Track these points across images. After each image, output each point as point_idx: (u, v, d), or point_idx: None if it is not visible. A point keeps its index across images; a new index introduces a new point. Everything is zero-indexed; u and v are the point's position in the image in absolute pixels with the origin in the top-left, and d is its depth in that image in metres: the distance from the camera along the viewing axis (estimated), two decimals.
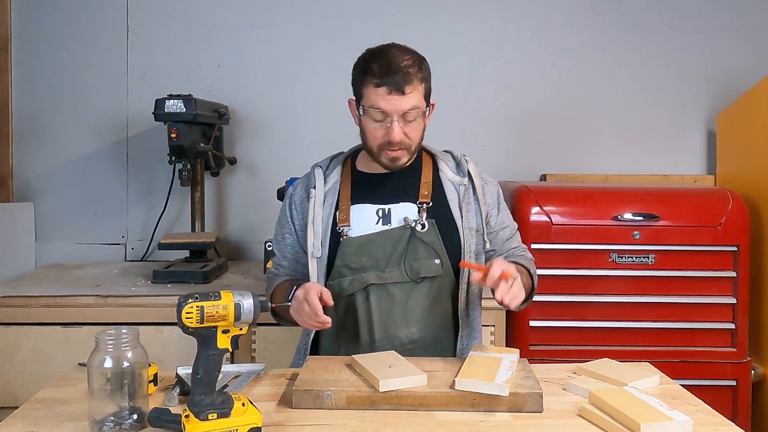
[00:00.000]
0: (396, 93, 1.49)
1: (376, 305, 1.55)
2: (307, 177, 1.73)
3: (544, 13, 2.84)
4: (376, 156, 1.58)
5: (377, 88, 1.50)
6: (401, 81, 1.48)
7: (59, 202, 2.81)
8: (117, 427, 1.16)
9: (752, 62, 2.81)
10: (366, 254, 1.56)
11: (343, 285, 1.57)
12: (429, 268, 1.56)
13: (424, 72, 1.54)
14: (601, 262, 2.24)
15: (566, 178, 2.79)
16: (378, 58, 1.52)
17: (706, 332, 2.25)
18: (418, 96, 1.52)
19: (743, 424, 2.21)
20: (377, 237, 1.57)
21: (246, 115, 2.82)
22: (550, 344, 2.24)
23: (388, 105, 1.50)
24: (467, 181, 1.64)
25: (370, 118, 1.54)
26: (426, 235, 1.56)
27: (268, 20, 2.81)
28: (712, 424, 1.21)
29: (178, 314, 1.11)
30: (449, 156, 1.71)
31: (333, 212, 1.61)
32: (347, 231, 1.58)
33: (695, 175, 2.84)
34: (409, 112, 1.51)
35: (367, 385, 1.28)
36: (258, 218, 2.82)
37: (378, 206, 1.61)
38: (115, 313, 2.10)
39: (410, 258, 1.56)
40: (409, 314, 1.55)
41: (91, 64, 2.79)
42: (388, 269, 1.56)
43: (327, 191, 1.65)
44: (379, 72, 1.50)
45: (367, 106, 1.53)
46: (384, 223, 1.59)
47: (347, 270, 1.57)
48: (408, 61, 1.51)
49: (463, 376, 1.27)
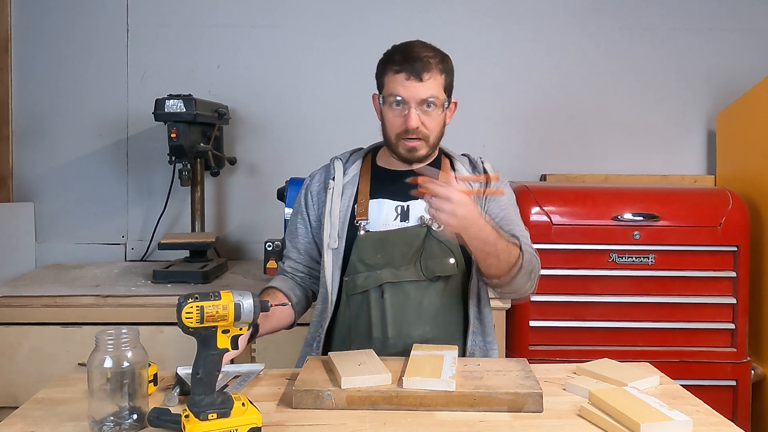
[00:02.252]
0: (414, 79, 1.51)
1: (390, 303, 1.55)
2: (325, 168, 1.73)
3: (544, 13, 2.84)
4: (395, 146, 1.59)
5: (396, 74, 1.53)
6: (420, 67, 1.51)
7: (59, 202, 2.81)
8: (117, 427, 1.16)
9: (752, 62, 2.81)
10: (382, 251, 1.56)
11: (358, 281, 1.57)
12: (444, 267, 1.56)
13: (446, 65, 1.57)
14: (601, 262, 2.24)
15: (566, 178, 2.79)
16: (401, 49, 1.57)
17: (706, 332, 2.25)
18: (437, 86, 1.54)
19: (743, 424, 2.21)
20: (393, 234, 1.57)
21: (246, 115, 2.82)
22: (550, 344, 2.24)
23: (405, 91, 1.52)
24: (483, 178, 1.65)
25: (389, 106, 1.56)
26: (442, 234, 1.56)
27: (268, 20, 2.81)
28: (712, 424, 1.21)
29: (178, 314, 1.11)
30: (466, 159, 1.74)
31: (351, 205, 1.61)
32: (365, 225, 1.58)
33: (695, 175, 2.84)
34: (427, 100, 1.52)
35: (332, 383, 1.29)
36: (258, 218, 2.82)
37: (397, 202, 1.61)
38: (115, 313, 2.10)
39: (426, 256, 1.56)
40: (423, 313, 1.55)
41: (91, 64, 2.79)
42: (403, 267, 1.56)
43: (346, 183, 1.65)
44: (400, 60, 1.53)
45: (387, 94, 1.56)
46: (402, 220, 1.60)
47: (362, 266, 1.57)
48: (430, 53, 1.54)
49: (410, 374, 1.28)
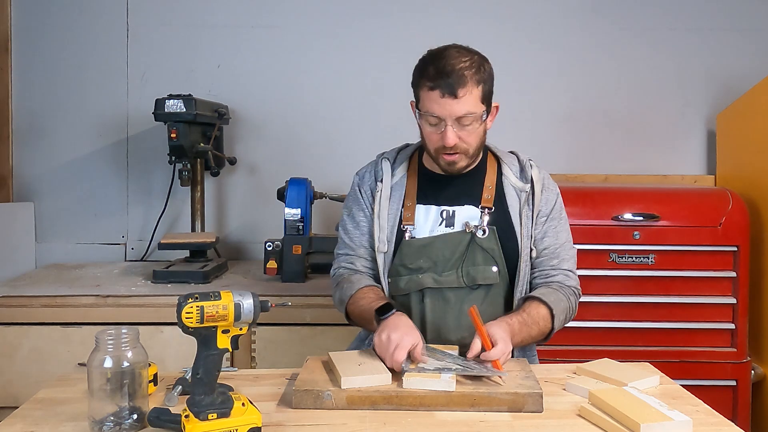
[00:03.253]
0: (449, 96, 1.45)
1: (430, 308, 1.55)
2: (373, 166, 1.69)
3: (544, 13, 2.84)
4: (435, 158, 1.57)
5: (431, 91, 1.47)
6: (454, 84, 1.44)
7: (59, 202, 2.81)
8: (117, 427, 1.16)
9: (752, 62, 2.80)
10: (425, 256, 1.56)
11: (399, 284, 1.58)
12: (485, 275, 1.55)
13: (482, 74, 1.49)
14: (601, 262, 2.24)
15: (566, 178, 2.79)
16: (435, 59, 1.49)
17: (706, 332, 2.25)
18: (473, 100, 1.47)
19: (743, 424, 2.21)
20: (437, 240, 1.56)
21: (246, 115, 2.82)
22: (550, 344, 2.22)
23: (441, 109, 1.47)
24: (529, 187, 1.61)
25: (426, 122, 1.52)
26: (485, 242, 1.55)
27: (268, 20, 2.81)
28: (712, 424, 1.21)
29: (178, 314, 1.11)
30: (514, 159, 1.68)
31: (400, 208, 1.60)
32: (411, 230, 1.58)
33: (695, 175, 2.84)
34: (463, 116, 1.48)
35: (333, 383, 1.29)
36: (258, 218, 2.82)
37: (442, 207, 1.60)
38: (115, 313, 2.10)
39: (468, 263, 1.55)
40: (463, 319, 1.54)
41: (91, 64, 2.79)
42: (445, 273, 1.55)
43: (394, 185, 1.63)
44: (434, 74, 1.46)
45: (423, 111, 1.51)
46: (447, 225, 1.58)
47: (404, 269, 1.57)
48: (465, 62, 1.47)
49: (410, 375, 1.28)
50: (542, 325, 1.51)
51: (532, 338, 1.51)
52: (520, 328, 1.46)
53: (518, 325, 1.46)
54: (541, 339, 1.56)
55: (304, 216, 2.35)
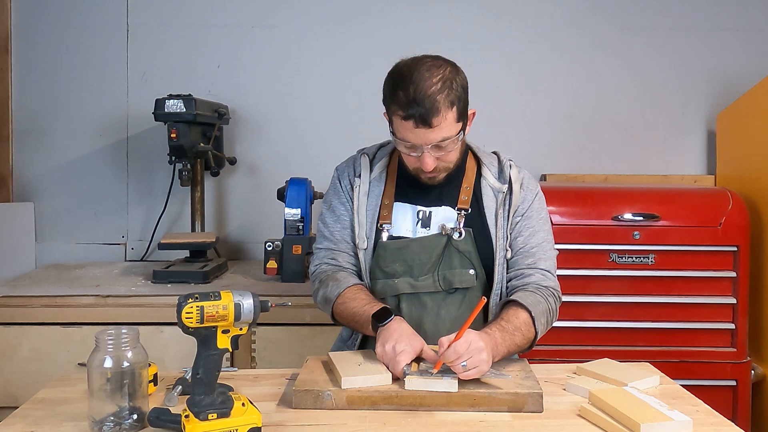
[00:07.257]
0: (423, 126, 1.41)
1: (407, 313, 1.53)
2: (352, 162, 1.67)
3: (544, 13, 2.84)
4: (412, 173, 1.55)
5: (404, 121, 1.42)
6: (426, 114, 1.39)
7: (59, 202, 2.81)
8: (117, 427, 1.16)
9: (752, 62, 2.81)
10: (400, 260, 1.54)
11: (376, 288, 1.56)
12: (462, 278, 1.53)
13: (454, 92, 1.42)
14: (601, 262, 2.24)
15: (566, 178, 2.79)
16: (404, 82, 1.42)
17: (706, 332, 2.25)
18: (448, 125, 1.42)
19: (743, 424, 2.21)
20: (413, 243, 1.54)
21: (246, 115, 2.82)
22: (550, 344, 2.23)
23: (416, 138, 1.43)
24: (506, 187, 1.57)
25: (401, 145, 1.49)
26: (461, 244, 1.52)
27: (268, 20, 2.81)
28: (712, 424, 1.21)
29: (178, 314, 1.11)
30: (494, 159, 1.64)
31: (378, 205, 1.58)
32: (388, 229, 1.56)
33: (695, 175, 2.84)
34: (439, 143, 1.44)
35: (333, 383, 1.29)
36: (258, 218, 2.82)
37: (419, 208, 1.58)
38: (115, 313, 2.10)
39: (444, 267, 1.53)
40: (440, 324, 1.52)
41: (91, 64, 2.79)
42: (421, 278, 1.53)
43: (373, 180, 1.61)
44: (405, 102, 1.41)
45: (397, 137, 1.47)
46: (423, 226, 1.56)
47: (380, 273, 1.56)
48: (437, 85, 1.40)
49: (412, 377, 1.28)
50: (525, 330, 1.43)
51: (518, 346, 1.42)
52: (503, 337, 1.38)
53: (499, 333, 1.38)
54: (528, 346, 1.47)
55: (304, 216, 2.35)
